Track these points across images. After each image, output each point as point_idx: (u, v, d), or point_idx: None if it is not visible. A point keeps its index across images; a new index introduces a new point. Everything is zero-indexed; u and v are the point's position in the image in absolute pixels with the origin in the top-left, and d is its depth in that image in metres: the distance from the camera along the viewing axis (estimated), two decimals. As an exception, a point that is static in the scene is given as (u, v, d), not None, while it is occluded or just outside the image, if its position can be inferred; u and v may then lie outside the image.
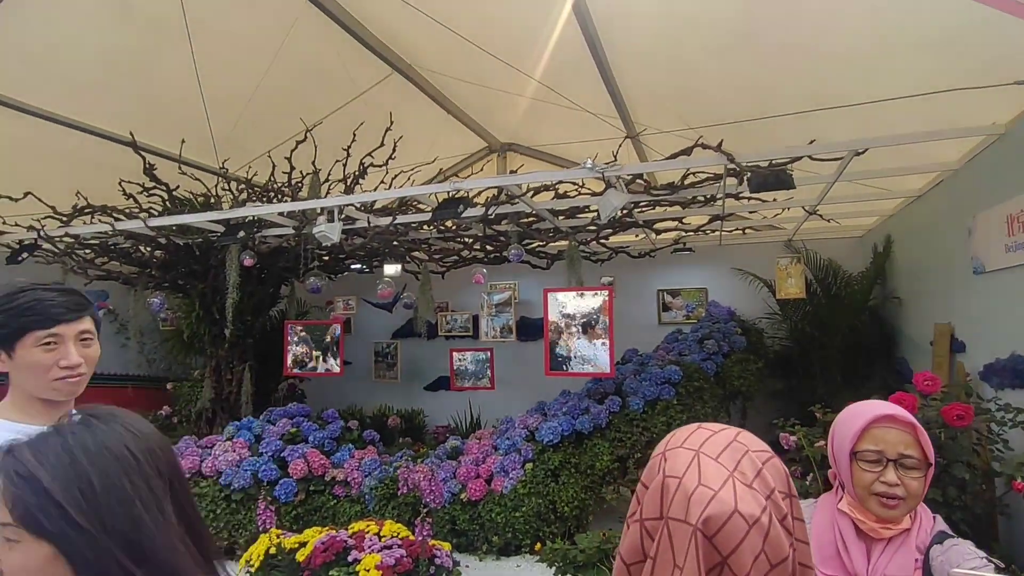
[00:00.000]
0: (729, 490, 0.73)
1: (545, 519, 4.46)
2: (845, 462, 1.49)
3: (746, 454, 0.78)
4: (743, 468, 0.76)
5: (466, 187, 4.30)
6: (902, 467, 1.42)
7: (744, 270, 6.36)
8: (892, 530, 1.44)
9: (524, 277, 7.34)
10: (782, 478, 0.78)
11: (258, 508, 4.07)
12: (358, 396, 8.09)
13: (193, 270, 6.58)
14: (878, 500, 1.42)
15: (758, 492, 0.74)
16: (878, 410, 1.47)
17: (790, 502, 0.77)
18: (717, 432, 0.82)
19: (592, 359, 4.81)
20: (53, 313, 1.48)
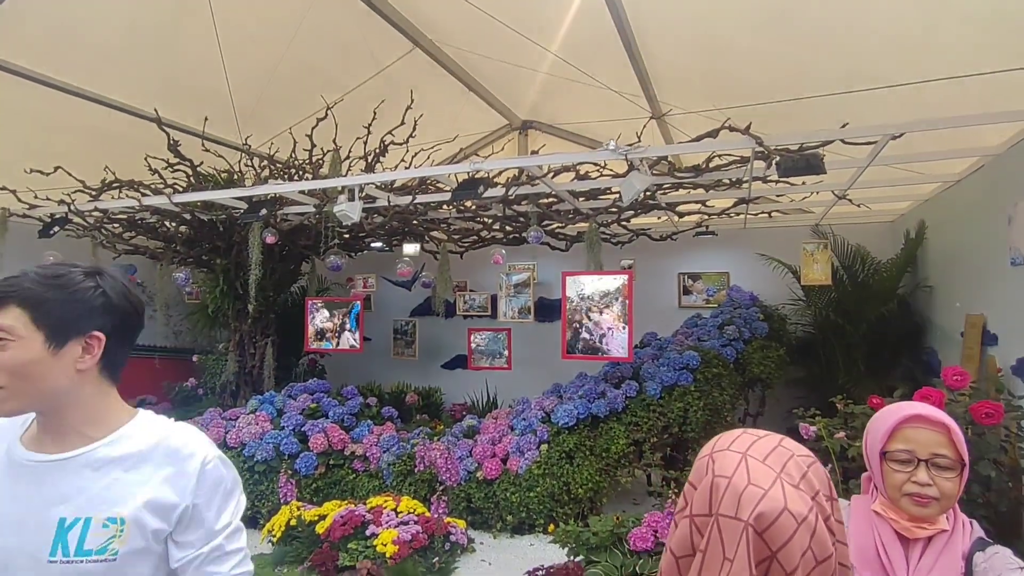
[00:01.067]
0: (778, 489, 0.77)
1: (559, 500, 4.49)
2: (876, 462, 1.47)
3: (791, 458, 0.82)
4: (789, 470, 0.80)
5: (486, 168, 4.27)
6: (935, 467, 1.39)
7: (768, 255, 6.24)
8: (928, 530, 1.41)
9: (543, 258, 7.30)
10: (824, 481, 0.82)
11: (280, 480, 4.16)
12: (377, 372, 8.18)
13: (217, 246, 6.67)
14: (910, 500, 1.40)
15: (804, 493, 0.78)
16: (909, 410, 1.44)
17: (832, 504, 0.81)
18: (762, 437, 0.87)
19: (610, 343, 4.78)
20: None
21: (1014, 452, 3.09)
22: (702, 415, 4.69)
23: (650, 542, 3.42)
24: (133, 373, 7.90)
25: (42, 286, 1.11)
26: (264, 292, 6.64)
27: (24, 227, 6.27)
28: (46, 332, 1.09)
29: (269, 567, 4.07)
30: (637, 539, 3.45)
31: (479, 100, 6.27)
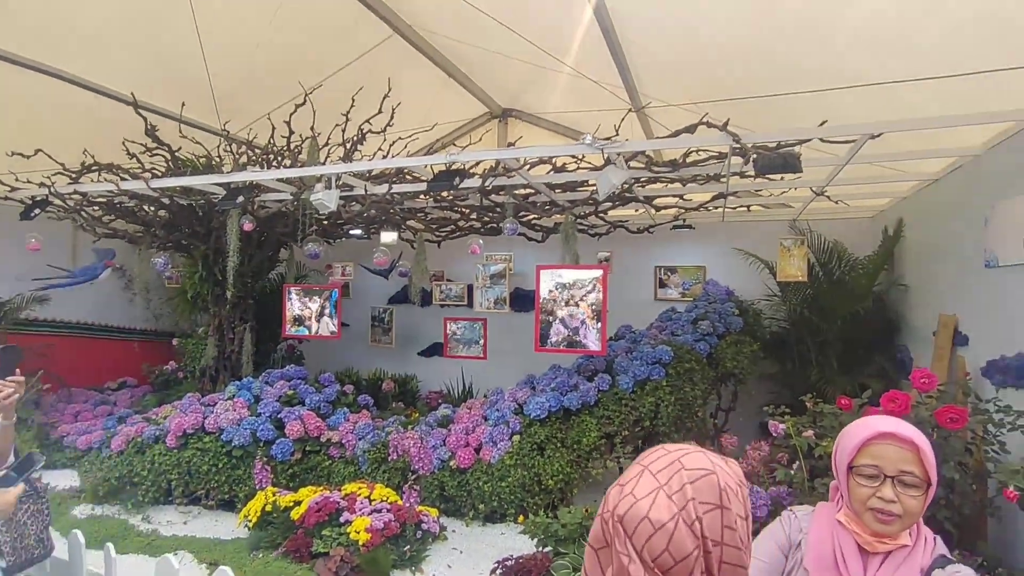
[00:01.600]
0: (649, 500, 0.91)
1: (530, 490, 4.55)
2: (844, 475, 1.50)
3: (678, 472, 0.94)
4: (671, 483, 0.93)
5: (463, 159, 4.26)
6: (901, 484, 1.41)
7: (745, 251, 6.30)
8: (889, 545, 1.43)
9: (520, 248, 7.32)
10: (708, 491, 0.93)
11: (255, 466, 4.18)
12: (355, 359, 8.20)
13: (196, 231, 6.62)
14: (874, 515, 1.42)
15: (674, 503, 0.91)
16: (879, 427, 1.46)
17: (717, 511, 0.92)
18: (670, 453, 0.98)
19: (584, 336, 4.83)
20: None
21: (979, 455, 3.15)
22: (673, 410, 4.76)
23: (615, 534, 3.49)
24: (112, 356, 7.89)
25: None
26: (242, 278, 6.63)
27: (5, 209, 6.22)
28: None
29: (245, 552, 4.11)
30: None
31: (459, 87, 6.23)
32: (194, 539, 4.37)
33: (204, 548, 4.20)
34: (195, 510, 4.91)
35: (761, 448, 3.90)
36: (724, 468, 0.96)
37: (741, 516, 0.94)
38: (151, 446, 5.03)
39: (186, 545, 4.26)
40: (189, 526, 4.64)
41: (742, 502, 0.95)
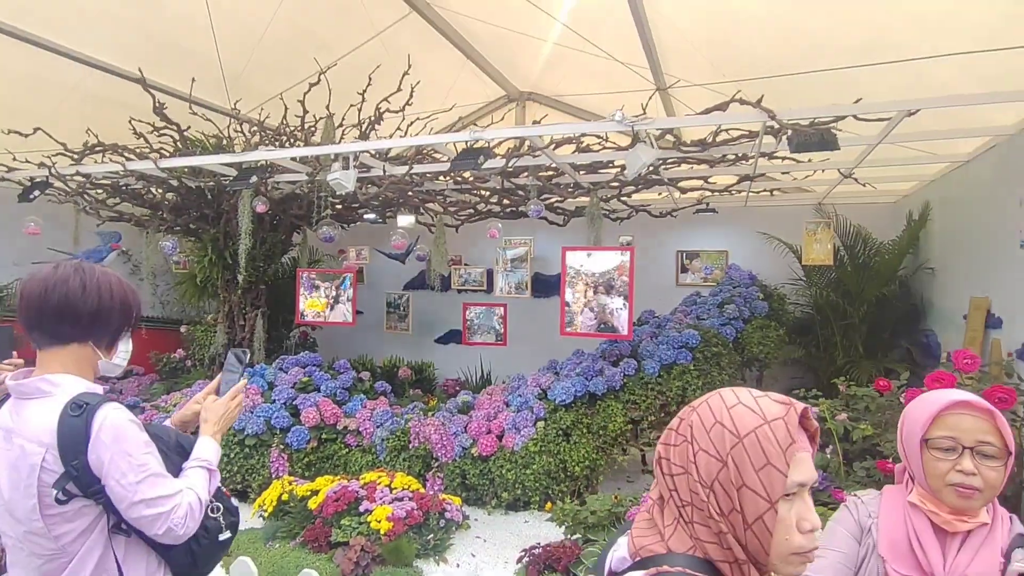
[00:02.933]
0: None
1: (555, 477, 4.45)
2: (916, 451, 1.39)
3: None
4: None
5: (486, 137, 4.11)
6: (980, 455, 1.31)
7: (769, 234, 6.15)
8: (968, 523, 1.34)
9: (540, 233, 7.18)
10: (679, 424, 0.90)
11: (271, 455, 4.08)
12: (369, 346, 8.09)
13: (205, 214, 6.48)
14: (953, 490, 1.32)
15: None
16: (952, 396, 1.36)
17: (684, 448, 0.88)
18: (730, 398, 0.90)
19: (609, 320, 4.70)
20: None
21: (1019, 437, 3.06)
22: (701, 394, 4.62)
23: (649, 522, 3.38)
24: (119, 343, 7.77)
25: None
26: (254, 262, 6.49)
27: (2, 190, 6.06)
28: None
29: (260, 542, 4.01)
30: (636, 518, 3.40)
31: (477, 70, 6.07)
32: (211, 527, 4.26)
33: (222, 536, 4.10)
34: (211, 498, 4.81)
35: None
36: (718, 404, 0.87)
37: (708, 453, 0.84)
38: (165, 433, 4.92)
39: (204, 533, 4.15)
40: (205, 514, 4.53)
41: (714, 441, 0.84)
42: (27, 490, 1.33)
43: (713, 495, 0.81)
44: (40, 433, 1.35)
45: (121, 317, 1.50)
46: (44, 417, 1.36)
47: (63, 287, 1.43)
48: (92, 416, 1.36)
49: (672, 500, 0.86)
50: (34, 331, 1.45)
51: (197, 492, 1.48)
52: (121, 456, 1.36)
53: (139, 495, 1.36)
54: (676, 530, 0.85)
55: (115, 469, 1.35)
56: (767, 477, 0.79)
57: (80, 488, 1.34)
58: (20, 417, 1.40)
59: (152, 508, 1.37)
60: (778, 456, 0.79)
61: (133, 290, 1.56)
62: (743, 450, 0.80)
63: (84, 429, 1.35)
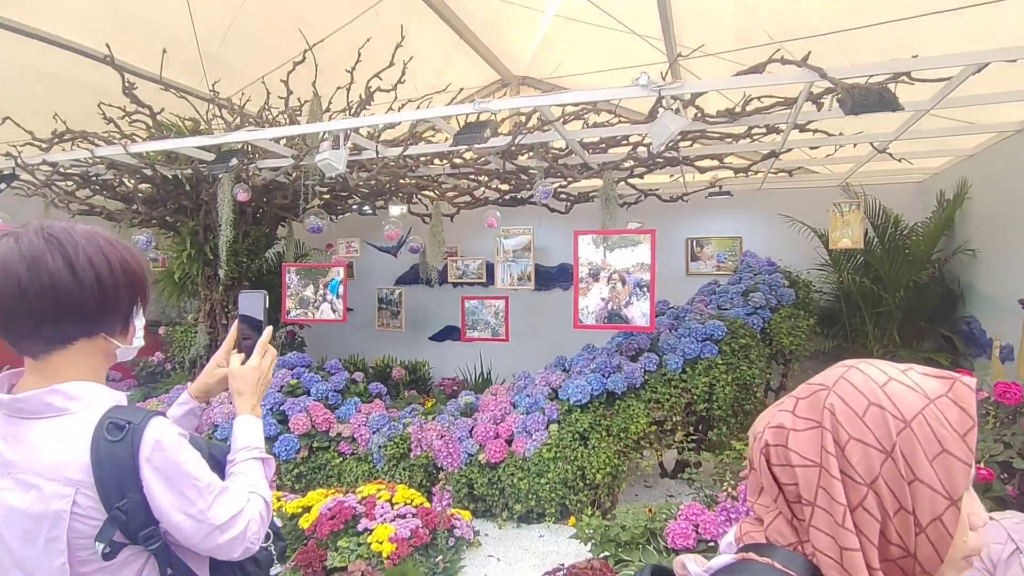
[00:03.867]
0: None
1: (572, 486, 4.03)
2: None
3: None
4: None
5: (492, 109, 3.67)
6: None
7: (792, 217, 5.76)
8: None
9: (541, 222, 6.74)
10: (812, 407, 0.75)
11: (255, 470, 3.61)
12: (360, 345, 7.62)
13: (183, 206, 5.99)
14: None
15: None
16: None
17: (814, 433, 0.74)
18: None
19: (629, 311, 4.28)
20: None
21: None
22: (730, 391, 4.23)
23: (691, 539, 2.97)
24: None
25: None
26: (237, 257, 6.02)
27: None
28: None
29: (246, 567, 3.54)
30: (676, 535, 2.99)
31: (469, 51, 5.63)
32: (190, 551, 3.80)
33: (202, 561, 3.64)
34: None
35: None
36: (864, 382, 0.73)
37: (865, 443, 0.70)
38: (138, 445, 4.45)
39: (181, 558, 3.69)
40: (184, 535, 4.07)
41: (872, 427, 0.70)
42: (51, 545, 1.00)
43: (873, 494, 0.68)
44: (64, 467, 1.01)
45: (130, 290, 1.14)
46: (66, 445, 1.03)
47: (42, 272, 1.02)
48: (139, 439, 1.04)
49: (783, 495, 0.75)
50: (18, 340, 1.06)
51: (262, 493, 1.22)
52: (186, 483, 1.08)
53: (213, 521, 1.09)
54: (777, 520, 0.76)
55: (182, 501, 1.07)
56: (944, 468, 0.67)
57: (128, 535, 1.04)
58: (24, 446, 1.03)
59: (228, 532, 1.11)
60: (955, 442, 0.68)
61: (128, 247, 1.17)
62: (912, 437, 0.68)
63: (131, 458, 1.03)
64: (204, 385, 1.42)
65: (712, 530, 2.96)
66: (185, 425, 1.42)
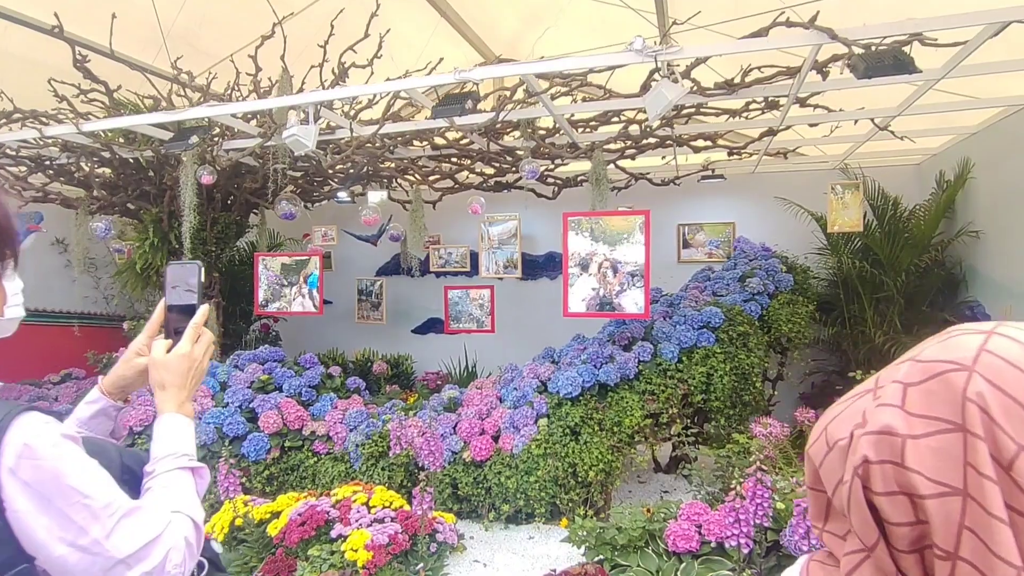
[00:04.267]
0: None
1: (563, 484, 3.77)
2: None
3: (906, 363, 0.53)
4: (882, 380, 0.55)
5: (474, 78, 3.39)
6: None
7: (788, 199, 5.55)
8: None
9: (526, 209, 6.47)
10: (942, 399, 0.49)
11: (219, 472, 3.30)
12: (339, 339, 7.30)
13: (144, 191, 5.63)
14: None
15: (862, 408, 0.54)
16: None
17: (946, 437, 0.48)
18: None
19: (621, 298, 4.03)
20: None
21: None
22: (728, 380, 4.00)
23: (694, 541, 2.72)
24: (54, 344, 6.86)
25: None
26: (205, 246, 5.67)
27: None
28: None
29: (208, 579, 3.24)
30: (677, 537, 2.74)
31: (452, 31, 5.31)
32: (148, 561, 3.49)
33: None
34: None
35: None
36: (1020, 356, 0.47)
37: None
38: (93, 447, 4.12)
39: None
40: (143, 544, 3.75)
41: None
42: None
43: None
44: None
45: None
46: None
47: None
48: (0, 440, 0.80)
49: (885, 540, 0.50)
50: None
51: (189, 513, 0.96)
52: (72, 503, 0.82)
53: (114, 554, 0.84)
54: (864, 570, 0.51)
55: (66, 527, 0.82)
56: None
57: None
58: None
59: (138, 567, 0.85)
60: None
61: None
62: None
63: None
64: (120, 378, 1.14)
65: (716, 531, 2.72)
66: (96, 429, 1.15)
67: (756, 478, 2.55)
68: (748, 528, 2.40)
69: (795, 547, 2.38)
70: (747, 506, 2.42)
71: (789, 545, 2.46)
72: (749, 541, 2.42)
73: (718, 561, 2.73)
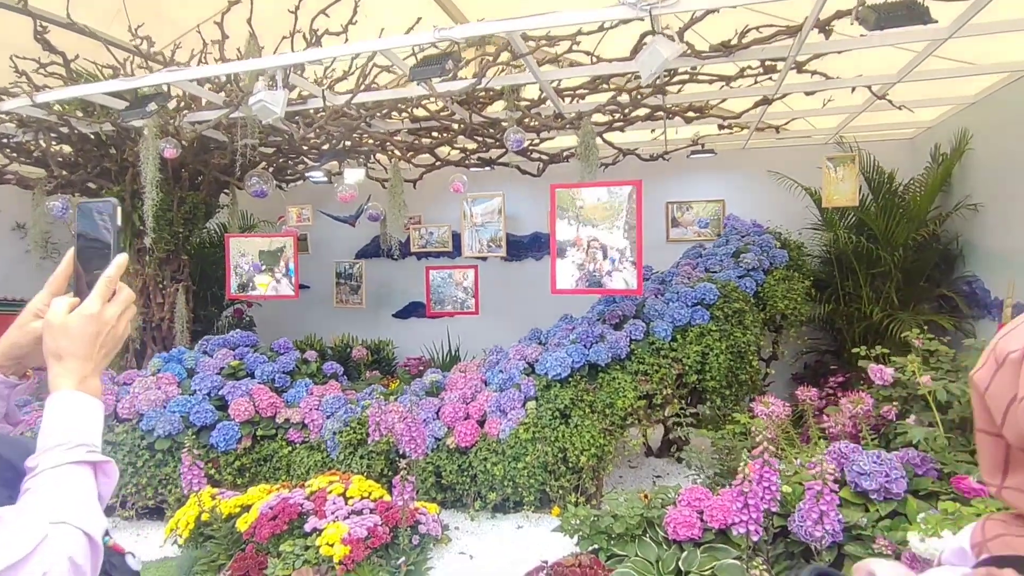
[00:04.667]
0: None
1: (553, 471, 3.58)
2: None
3: None
4: None
5: (454, 36, 3.15)
6: None
7: (783, 174, 5.38)
8: None
9: (509, 188, 6.23)
10: None
11: (182, 464, 3.06)
12: (317, 325, 7.03)
13: (106, 169, 5.31)
14: None
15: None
16: None
17: None
18: None
19: (612, 273, 3.83)
20: None
21: None
22: (724, 359, 3.83)
23: (695, 528, 2.54)
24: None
25: None
26: (172, 227, 5.37)
27: None
28: None
29: (173, 578, 3.01)
30: (677, 524, 2.56)
31: (430, 3, 5.03)
32: (108, 561, 3.24)
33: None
34: (110, 522, 3.77)
35: (863, 401, 3.00)
36: None
37: None
38: (49, 439, 3.85)
39: (95, 571, 3.13)
40: (103, 542, 3.50)
41: None
42: None
43: None
44: None
45: None
46: None
47: None
48: None
49: None
50: None
51: (80, 524, 0.72)
52: None
53: None
54: None
55: None
56: None
57: None
58: None
59: None
60: None
61: None
62: None
63: None
64: (13, 347, 0.91)
65: (720, 517, 2.54)
66: None
67: (763, 460, 2.37)
68: (758, 514, 2.22)
69: (806, 533, 2.20)
70: (756, 490, 2.24)
71: (799, 531, 2.29)
72: (759, 528, 2.24)
73: (722, 549, 2.56)
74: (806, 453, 2.92)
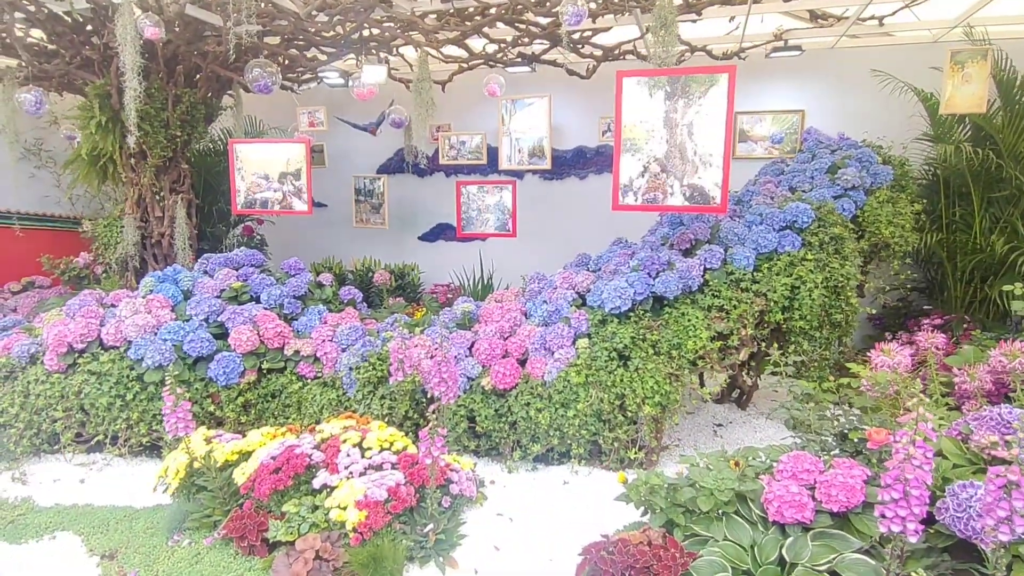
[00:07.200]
0: None
1: (607, 420, 3.01)
2: None
3: None
4: None
5: None
6: None
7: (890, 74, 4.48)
8: None
9: (554, 92, 5.39)
10: None
11: (164, 403, 2.52)
12: (335, 247, 6.44)
13: (87, 58, 4.61)
14: None
15: None
16: None
17: None
18: None
19: (693, 185, 3.11)
20: None
21: None
22: (818, 295, 3.15)
23: (807, 510, 1.95)
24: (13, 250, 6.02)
25: None
26: (167, 130, 4.71)
27: None
28: None
29: (161, 535, 2.55)
30: (783, 504, 1.97)
31: None
32: (89, 510, 2.80)
33: (99, 526, 2.64)
34: (100, 460, 3.32)
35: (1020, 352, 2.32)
36: None
37: None
38: (25, 369, 3.36)
39: (73, 521, 2.69)
40: (88, 486, 3.06)
41: None
42: None
43: None
44: None
45: None
46: None
47: None
48: None
49: None
50: None
51: None
52: None
53: None
54: None
55: None
56: None
57: None
58: None
59: None
60: None
61: None
62: None
63: None
64: None
65: (842, 498, 1.95)
66: None
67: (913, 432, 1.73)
68: (921, 508, 1.60)
69: (977, 530, 1.60)
70: (920, 473, 1.62)
71: (957, 525, 1.69)
72: (919, 526, 1.63)
73: (839, 537, 1.97)
74: (948, 420, 2.28)
